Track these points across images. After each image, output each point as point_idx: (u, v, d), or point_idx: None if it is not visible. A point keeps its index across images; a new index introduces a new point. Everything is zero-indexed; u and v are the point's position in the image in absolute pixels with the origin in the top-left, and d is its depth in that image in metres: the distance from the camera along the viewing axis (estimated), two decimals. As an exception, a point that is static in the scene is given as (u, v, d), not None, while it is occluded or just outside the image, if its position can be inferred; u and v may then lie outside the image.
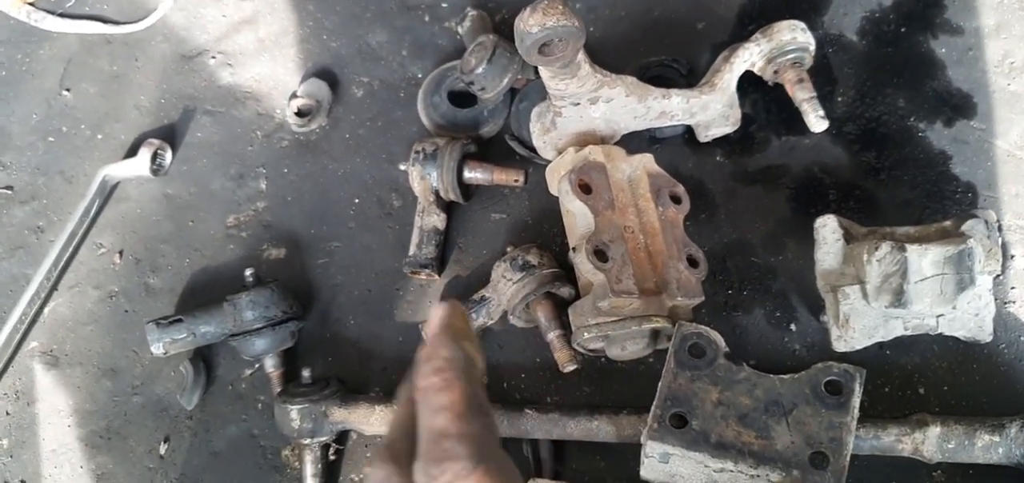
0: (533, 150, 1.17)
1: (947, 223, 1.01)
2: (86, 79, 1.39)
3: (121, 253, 1.28)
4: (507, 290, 1.07)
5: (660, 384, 0.96)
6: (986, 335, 0.99)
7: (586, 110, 1.07)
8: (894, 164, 1.12)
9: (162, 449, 1.17)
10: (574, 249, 1.03)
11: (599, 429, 1.02)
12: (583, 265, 0.99)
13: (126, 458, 1.18)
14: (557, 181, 1.08)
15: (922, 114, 1.13)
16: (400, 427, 0.42)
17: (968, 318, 0.99)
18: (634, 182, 1.06)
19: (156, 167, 1.29)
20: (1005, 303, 1.04)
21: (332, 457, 1.12)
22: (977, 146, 1.11)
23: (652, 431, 0.93)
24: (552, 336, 1.06)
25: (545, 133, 1.12)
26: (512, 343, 1.13)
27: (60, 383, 1.23)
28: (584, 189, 1.02)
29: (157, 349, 1.14)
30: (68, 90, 1.39)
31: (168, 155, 1.31)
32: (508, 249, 1.11)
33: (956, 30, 1.16)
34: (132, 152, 1.31)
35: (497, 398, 1.10)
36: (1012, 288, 1.05)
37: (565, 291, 1.08)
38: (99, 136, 1.35)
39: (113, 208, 1.31)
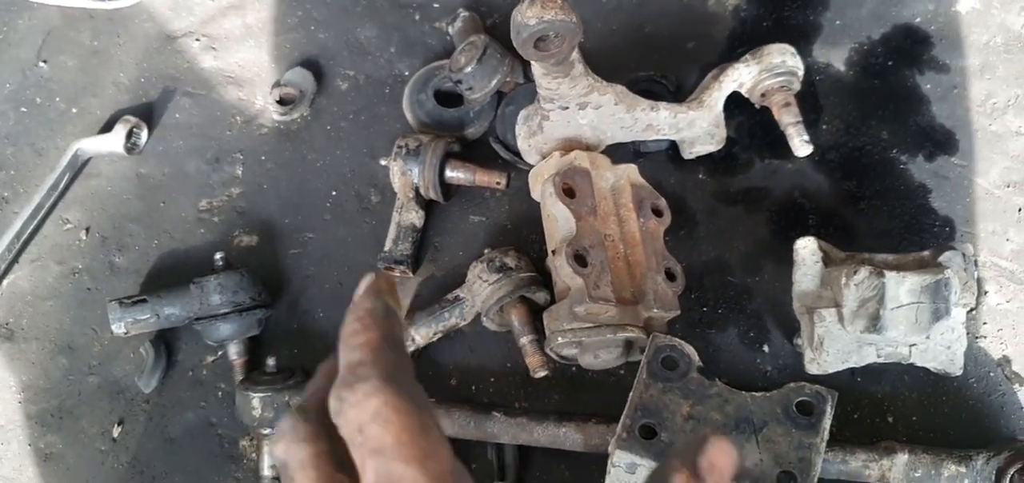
0: (517, 154, 1.16)
1: (925, 254, 1.01)
2: (65, 52, 1.37)
3: (88, 230, 1.25)
4: (482, 291, 1.06)
5: (631, 394, 0.95)
6: (957, 368, 0.99)
7: (574, 115, 1.07)
8: (874, 194, 1.12)
9: (115, 432, 1.13)
10: (554, 252, 1.02)
11: (566, 436, 1.00)
12: (562, 269, 0.97)
13: (77, 439, 1.14)
14: (540, 184, 1.07)
15: (904, 147, 1.14)
16: (314, 393, 0.43)
17: (940, 350, 0.99)
18: (617, 191, 1.06)
19: (131, 145, 1.26)
20: (976, 338, 1.05)
21: (292, 450, 1.09)
22: (957, 182, 1.12)
23: (621, 440, 0.91)
24: (524, 341, 1.05)
25: (531, 136, 1.11)
26: (483, 346, 1.11)
27: (14, 357, 1.19)
28: (568, 193, 1.01)
29: (118, 329, 1.10)
30: (45, 62, 1.36)
31: (144, 134, 1.28)
32: (485, 250, 1.09)
33: (942, 67, 1.17)
34: (107, 128, 1.28)
35: (465, 400, 1.07)
36: (984, 324, 1.05)
37: (540, 296, 1.07)
38: (74, 110, 1.32)
39: (83, 184, 1.28)
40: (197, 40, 1.35)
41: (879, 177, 1.13)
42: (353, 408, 0.38)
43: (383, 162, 1.16)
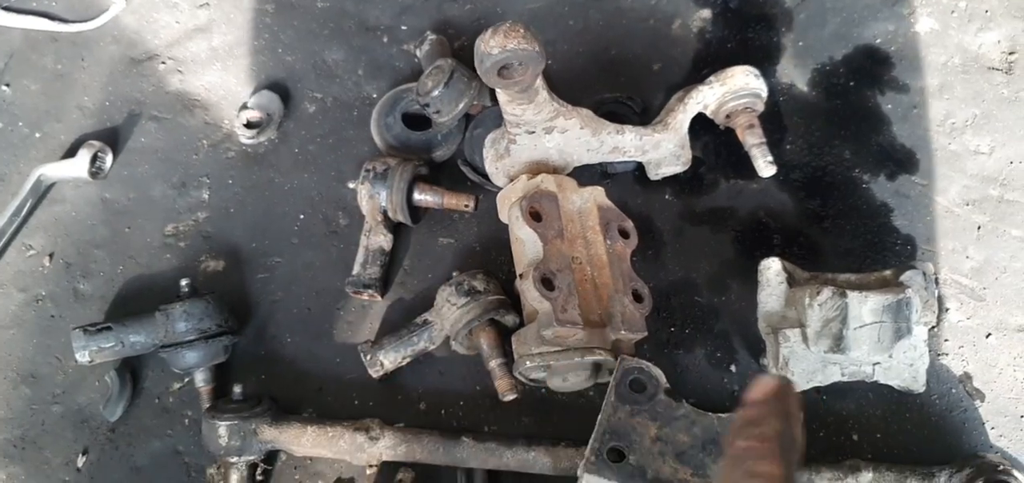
0: (485, 177, 1.16)
1: (887, 273, 1.03)
2: (28, 75, 1.35)
3: (51, 256, 1.23)
4: (451, 315, 1.05)
5: (599, 417, 0.95)
6: (919, 385, 1.00)
7: (540, 139, 1.07)
8: (838, 213, 1.14)
9: (79, 461, 1.12)
10: (521, 276, 1.02)
11: (536, 460, 1.01)
12: (529, 293, 0.97)
13: (40, 469, 1.12)
14: (508, 207, 1.07)
15: (867, 166, 1.16)
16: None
17: (903, 368, 1.00)
18: (584, 214, 1.06)
19: (95, 170, 1.25)
20: (938, 355, 1.06)
21: (259, 478, 1.08)
22: (918, 201, 1.13)
23: (589, 464, 0.91)
24: (493, 364, 1.05)
25: (498, 159, 1.11)
26: (453, 370, 1.11)
27: (-25, 388, 1.17)
28: (535, 217, 1.01)
29: (82, 357, 1.09)
30: (7, 85, 1.34)
31: (108, 158, 1.26)
32: (454, 274, 1.09)
33: (902, 88, 1.19)
34: (71, 153, 1.26)
35: (434, 425, 1.07)
36: (945, 341, 1.07)
37: (509, 319, 1.07)
38: (37, 135, 1.31)
39: (46, 209, 1.26)
40: (163, 63, 1.33)
41: (842, 196, 1.15)
42: None
43: (351, 185, 1.16)
